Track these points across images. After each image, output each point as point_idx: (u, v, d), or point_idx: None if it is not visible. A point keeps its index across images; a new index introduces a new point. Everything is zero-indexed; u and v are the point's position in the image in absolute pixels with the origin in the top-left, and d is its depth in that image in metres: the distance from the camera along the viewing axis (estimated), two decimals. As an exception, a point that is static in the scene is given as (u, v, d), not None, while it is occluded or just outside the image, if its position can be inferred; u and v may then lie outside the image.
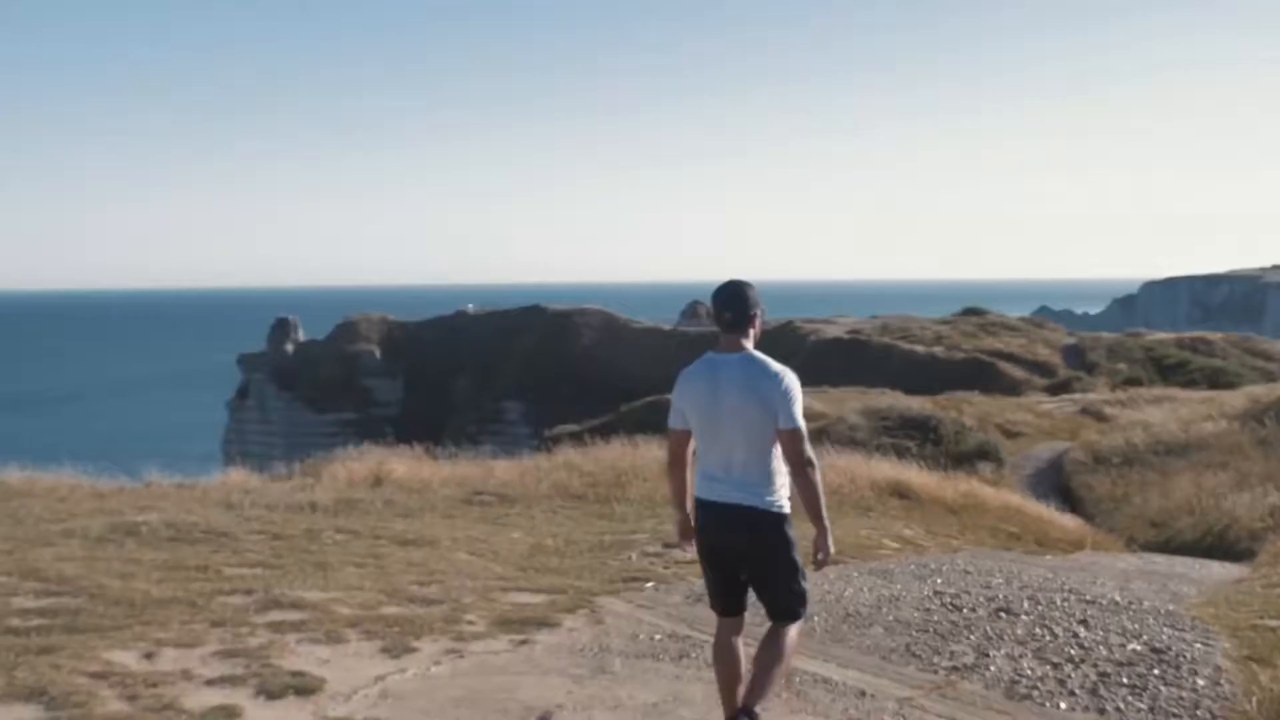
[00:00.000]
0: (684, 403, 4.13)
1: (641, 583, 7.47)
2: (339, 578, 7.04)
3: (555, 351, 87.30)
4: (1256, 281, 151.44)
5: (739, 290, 4.14)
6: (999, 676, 5.24)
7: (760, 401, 3.96)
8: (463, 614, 6.25)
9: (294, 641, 5.47)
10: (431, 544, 8.77)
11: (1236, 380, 42.17)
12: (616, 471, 13.87)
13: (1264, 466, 22.68)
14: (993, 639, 5.92)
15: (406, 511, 10.82)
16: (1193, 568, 12.04)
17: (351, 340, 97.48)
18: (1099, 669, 5.33)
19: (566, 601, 6.71)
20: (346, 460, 14.71)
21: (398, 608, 6.35)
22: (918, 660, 5.55)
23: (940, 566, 8.96)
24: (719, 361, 4.08)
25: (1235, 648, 5.76)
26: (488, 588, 7.05)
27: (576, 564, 8.20)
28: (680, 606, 6.76)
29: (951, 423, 27.85)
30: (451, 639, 5.70)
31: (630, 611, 6.57)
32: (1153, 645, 5.73)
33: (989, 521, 13.60)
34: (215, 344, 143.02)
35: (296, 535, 8.82)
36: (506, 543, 9.14)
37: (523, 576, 7.55)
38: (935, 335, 60.73)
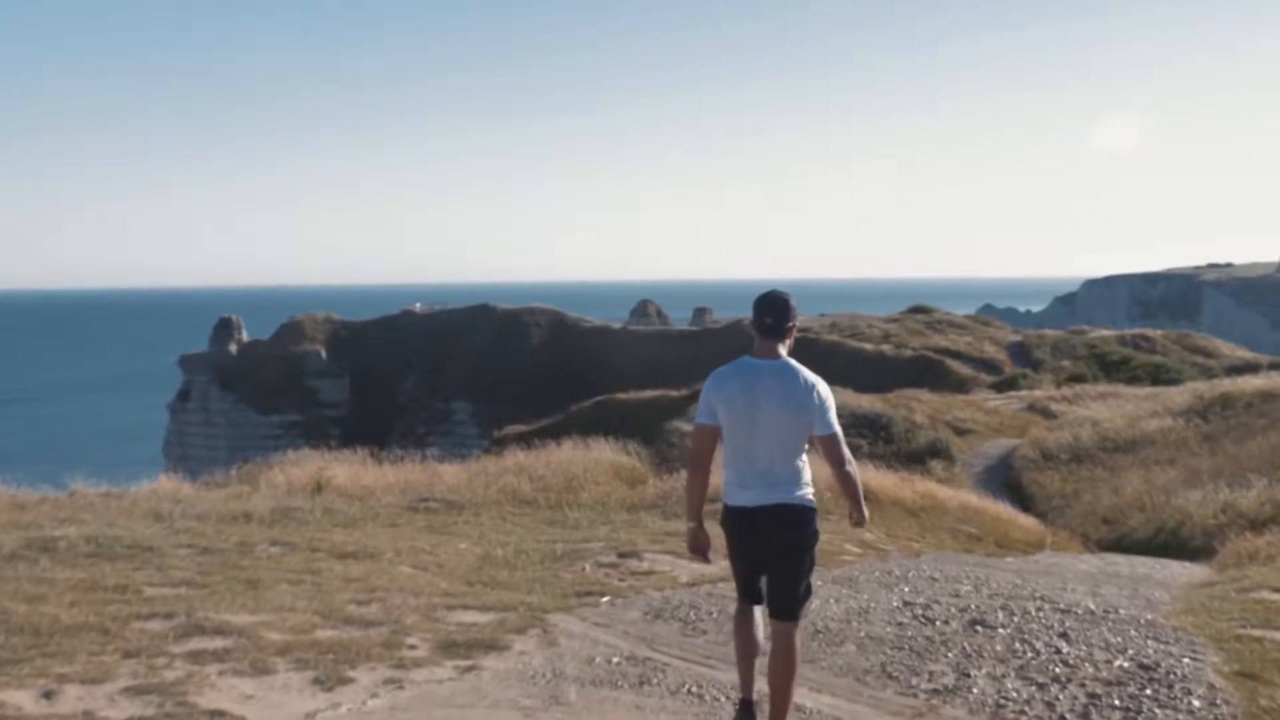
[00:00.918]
0: (718, 402, 4.18)
1: (597, 597, 7.03)
2: (270, 597, 6.52)
3: (504, 351, 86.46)
4: (1192, 280, 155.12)
5: (782, 299, 4.23)
6: (983, 700, 4.89)
7: (798, 408, 4.09)
8: (404, 637, 5.76)
9: (215, 674, 4.95)
10: (373, 557, 8.26)
11: (1178, 376, 42.75)
12: (568, 475, 13.42)
13: (1212, 463, 22.81)
14: (971, 656, 5.57)
15: (347, 521, 10.27)
16: (1155, 568, 11.87)
17: (296, 340, 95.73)
18: (1087, 689, 5.00)
19: (516, 620, 6.26)
20: (286, 466, 14.10)
21: (333, 631, 5.85)
22: (895, 682, 5.18)
23: (906, 573, 8.64)
24: (756, 366, 4.17)
25: (1225, 661, 5.48)
26: (432, 606, 6.57)
27: (527, 577, 7.74)
28: (638, 623, 6.34)
29: (902, 421, 27.78)
30: (391, 666, 5.22)
31: (585, 630, 6.13)
32: (1140, 661, 5.42)
33: (948, 523, 13.36)
34: (156, 345, 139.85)
35: (228, 549, 8.26)
36: (453, 554, 8.65)
37: (470, 592, 7.08)
38: (883, 333, 61.03)
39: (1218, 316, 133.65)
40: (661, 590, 7.34)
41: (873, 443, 25.47)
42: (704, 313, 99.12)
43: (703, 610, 6.63)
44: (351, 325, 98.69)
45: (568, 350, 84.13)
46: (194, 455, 79.10)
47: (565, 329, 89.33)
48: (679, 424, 31.69)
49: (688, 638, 6.03)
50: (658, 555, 8.61)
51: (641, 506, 11.88)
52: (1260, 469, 19.87)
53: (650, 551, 8.72)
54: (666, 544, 9.09)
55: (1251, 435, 23.91)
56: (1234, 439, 24.29)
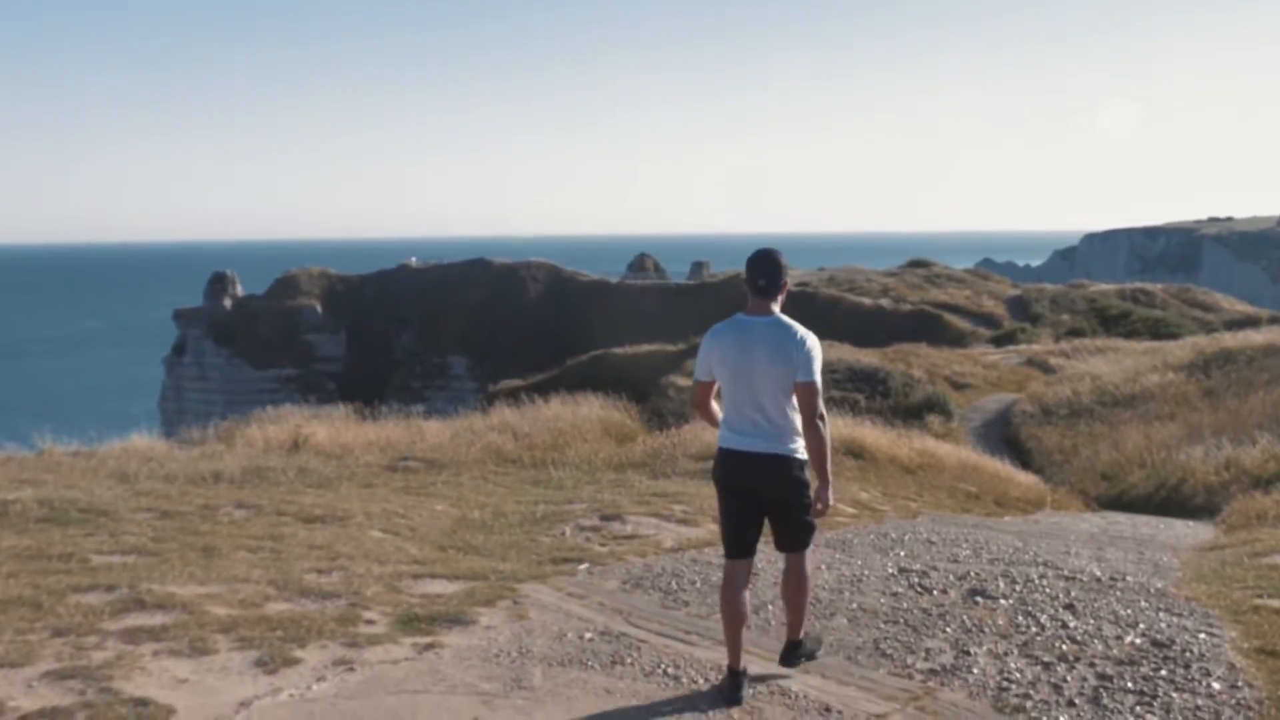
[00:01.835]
0: (712, 358, 4.42)
1: (574, 564, 6.64)
2: (224, 566, 6.11)
3: (501, 306, 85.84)
4: (1193, 234, 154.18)
5: (774, 258, 4.40)
6: (984, 681, 4.50)
7: (786, 360, 4.26)
8: (362, 611, 5.36)
9: (149, 655, 4.55)
10: (342, 520, 7.86)
11: (1177, 331, 42.40)
12: (555, 432, 13.03)
13: (1213, 418, 22.46)
14: (971, 631, 5.18)
15: (321, 481, 9.88)
16: (1159, 529, 11.51)
17: (291, 295, 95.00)
18: (1097, 669, 4.61)
19: (486, 591, 5.86)
20: (265, 423, 13.68)
21: (286, 604, 5.45)
22: (889, 661, 4.79)
23: (902, 536, 8.27)
24: (749, 323, 4.36)
25: (1243, 636, 5.09)
26: (397, 575, 6.17)
27: (503, 542, 7.35)
28: (616, 594, 5.94)
29: (900, 375, 27.43)
30: (343, 644, 4.82)
31: (558, 602, 5.73)
32: (1153, 637, 5.03)
33: (946, 481, 12.99)
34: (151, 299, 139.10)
35: (189, 513, 7.85)
36: (428, 517, 8.25)
37: (440, 559, 6.68)
38: (882, 287, 60.47)
39: (1217, 270, 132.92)
40: (644, 556, 6.95)
41: (870, 397, 25.11)
42: (701, 267, 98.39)
43: (685, 579, 6.24)
44: (347, 280, 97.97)
45: (565, 304, 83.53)
46: (190, 410, 78.75)
47: (562, 283, 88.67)
48: (675, 378, 31.32)
49: (668, 609, 5.64)
50: (642, 518, 8.21)
51: (629, 465, 11.49)
52: (1263, 425, 19.50)
53: (635, 514, 8.32)
54: (652, 505, 8.70)
55: (1253, 390, 23.55)
56: (1235, 394, 23.94)
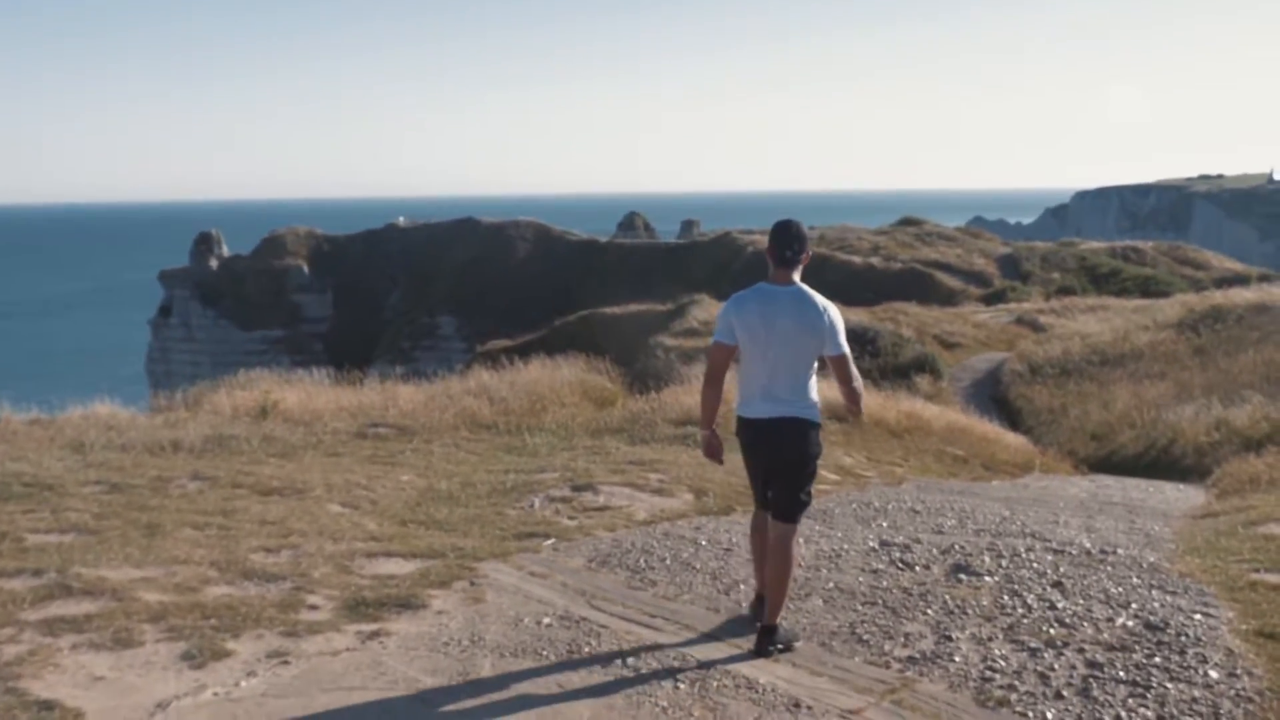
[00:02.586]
0: (737, 323, 4.46)
1: (540, 540, 6.32)
2: (165, 546, 5.77)
3: (490, 265, 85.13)
4: (1183, 191, 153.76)
5: (800, 231, 4.53)
6: (966, 670, 4.20)
7: (810, 330, 4.39)
8: (307, 595, 5.03)
9: (67, 648, 4.22)
10: (300, 493, 7.52)
11: (1167, 289, 42.18)
12: (533, 396, 12.69)
13: (1203, 377, 22.25)
14: (954, 613, 4.88)
15: (285, 450, 9.53)
16: (1149, 493, 11.26)
17: (278, 255, 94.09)
18: (1087, 656, 4.31)
19: (442, 570, 5.53)
20: (234, 388, 13.31)
21: (226, 588, 5.11)
22: (865, 648, 4.48)
23: (885, 505, 7.97)
24: (773, 292, 4.45)
25: (1240, 617, 4.79)
26: (350, 553, 5.84)
27: (468, 515, 7.02)
28: (580, 573, 5.62)
29: (889, 334, 27.17)
30: (281, 634, 4.49)
31: (518, 583, 5.41)
32: (1146, 619, 4.73)
33: (933, 444, 12.71)
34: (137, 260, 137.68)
35: (139, 486, 7.50)
36: (392, 488, 7.92)
37: (398, 535, 6.35)
38: (872, 246, 60.01)
39: (1208, 228, 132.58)
40: (613, 531, 6.63)
41: (859, 357, 24.65)
42: (692, 225, 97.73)
43: (655, 556, 5.93)
44: (334, 239, 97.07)
45: (554, 264, 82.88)
46: (177, 372, 78.13)
47: (551, 242, 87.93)
48: (664, 338, 30.98)
49: (634, 590, 5.32)
50: (615, 488, 7.89)
51: (608, 430, 11.16)
52: (1254, 384, 19.29)
53: (608, 484, 8.00)
54: (627, 475, 8.38)
55: (1243, 349, 23.33)
56: (1225, 352, 23.72)
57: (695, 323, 31.73)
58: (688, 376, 14.32)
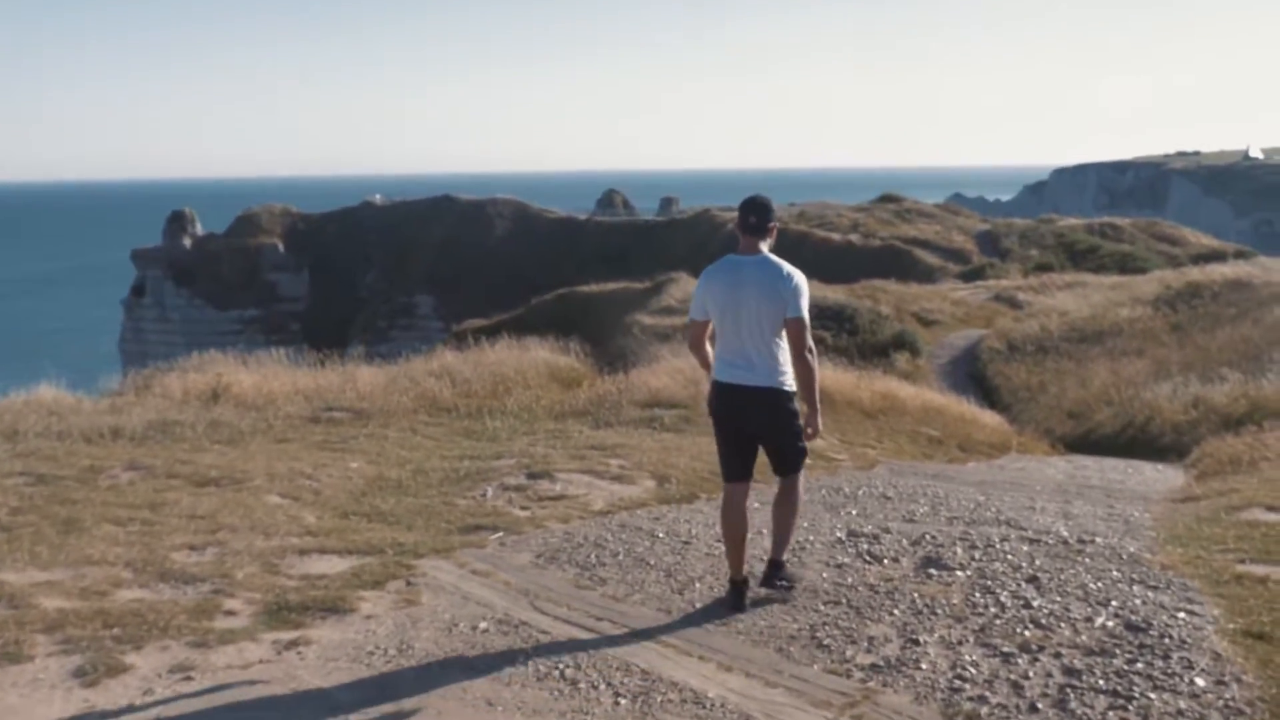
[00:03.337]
0: (707, 297, 4.62)
1: (487, 533, 5.95)
2: (79, 545, 5.37)
3: (467, 243, 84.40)
4: (1160, 168, 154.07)
5: (765, 202, 4.66)
6: (933, 680, 3.86)
7: (775, 297, 4.45)
8: (226, 598, 4.66)
9: (-53, 665, 3.83)
10: (239, 483, 7.12)
11: (1145, 265, 42.09)
12: (496, 378, 12.29)
13: (1180, 354, 22.10)
14: (922, 613, 4.54)
15: (232, 436, 9.11)
16: (1128, 474, 11.00)
17: (252, 233, 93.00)
18: (1064, 662, 3.98)
19: (378, 569, 5.16)
20: (187, 371, 12.86)
21: (138, 591, 4.73)
22: (826, 654, 4.13)
23: (855, 491, 7.65)
24: (740, 262, 4.57)
25: (1227, 615, 4.48)
26: (281, 550, 5.46)
27: (415, 506, 6.64)
28: (526, 570, 5.26)
29: (867, 312, 26.92)
30: (189, 644, 4.12)
31: (458, 582, 5.04)
32: (1127, 619, 4.40)
33: (908, 425, 12.39)
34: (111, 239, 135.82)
35: (67, 477, 7.08)
36: (338, 477, 7.53)
37: (337, 529, 5.97)
38: (852, 222, 59.70)
39: (1184, 205, 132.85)
40: (567, 522, 6.26)
41: (836, 335, 24.56)
42: (671, 203, 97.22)
43: (608, 550, 5.57)
44: (309, 218, 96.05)
45: (532, 242, 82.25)
46: (152, 353, 77.13)
47: (529, 220, 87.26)
48: (640, 316, 30.60)
49: (582, 590, 4.96)
50: (573, 475, 7.52)
51: (572, 413, 10.79)
52: (1231, 361, 19.12)
53: (566, 471, 7.62)
54: (587, 461, 8.01)
55: (1220, 325, 23.20)
56: (1203, 329, 23.59)
57: (673, 301, 31.36)
58: (657, 357, 13.95)
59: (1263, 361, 17.93)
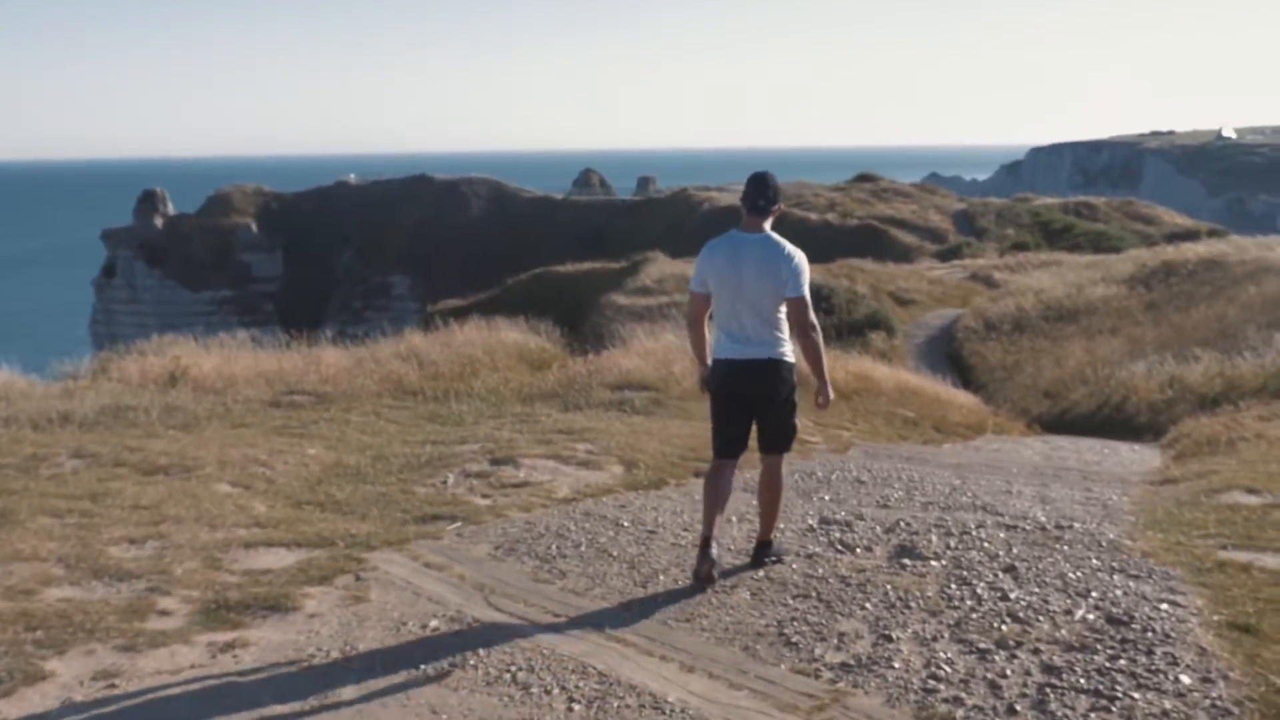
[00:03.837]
0: (708, 271, 4.68)
1: (445, 523, 5.71)
2: (11, 539, 5.08)
3: (443, 223, 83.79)
4: (1135, 147, 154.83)
5: (773, 181, 4.69)
6: (907, 679, 3.66)
7: (775, 274, 4.54)
8: (161, 597, 4.40)
9: None
10: (189, 471, 6.84)
11: (1120, 244, 42.16)
12: (464, 360, 12.02)
13: (1155, 333, 22.07)
14: (895, 607, 4.34)
15: (187, 422, 8.81)
16: (1105, 455, 10.87)
17: (225, 213, 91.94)
18: (1043, 659, 3.79)
19: (326, 563, 4.91)
20: (146, 353, 12.51)
21: (69, 589, 4.46)
22: (794, 653, 3.92)
23: (829, 475, 7.45)
24: (742, 239, 4.63)
25: (1210, 606, 4.30)
26: (226, 544, 5.19)
27: (372, 494, 6.39)
28: (484, 563, 5.02)
29: (844, 292, 26.82)
30: (117, 648, 3.86)
31: (410, 576, 4.80)
32: (1108, 611, 4.22)
33: (883, 406, 12.23)
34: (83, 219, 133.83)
35: (7, 466, 6.78)
36: (295, 464, 7.26)
37: (288, 520, 5.71)
38: (829, 202, 59.54)
39: (1158, 184, 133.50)
40: (529, 511, 6.03)
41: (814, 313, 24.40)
42: (648, 182, 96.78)
43: (569, 541, 5.34)
44: (283, 197, 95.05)
45: (509, 221, 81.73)
46: (122, 334, 76.14)
47: (506, 200, 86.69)
48: (616, 297, 30.34)
49: (540, 584, 4.73)
50: (538, 461, 7.28)
51: (540, 396, 10.55)
52: (1206, 340, 19.06)
53: (531, 456, 7.39)
54: (553, 446, 7.77)
55: (1195, 304, 23.19)
56: (1177, 307, 23.58)
57: (648, 281, 31.11)
58: (629, 337, 13.70)
59: (1237, 340, 17.86)
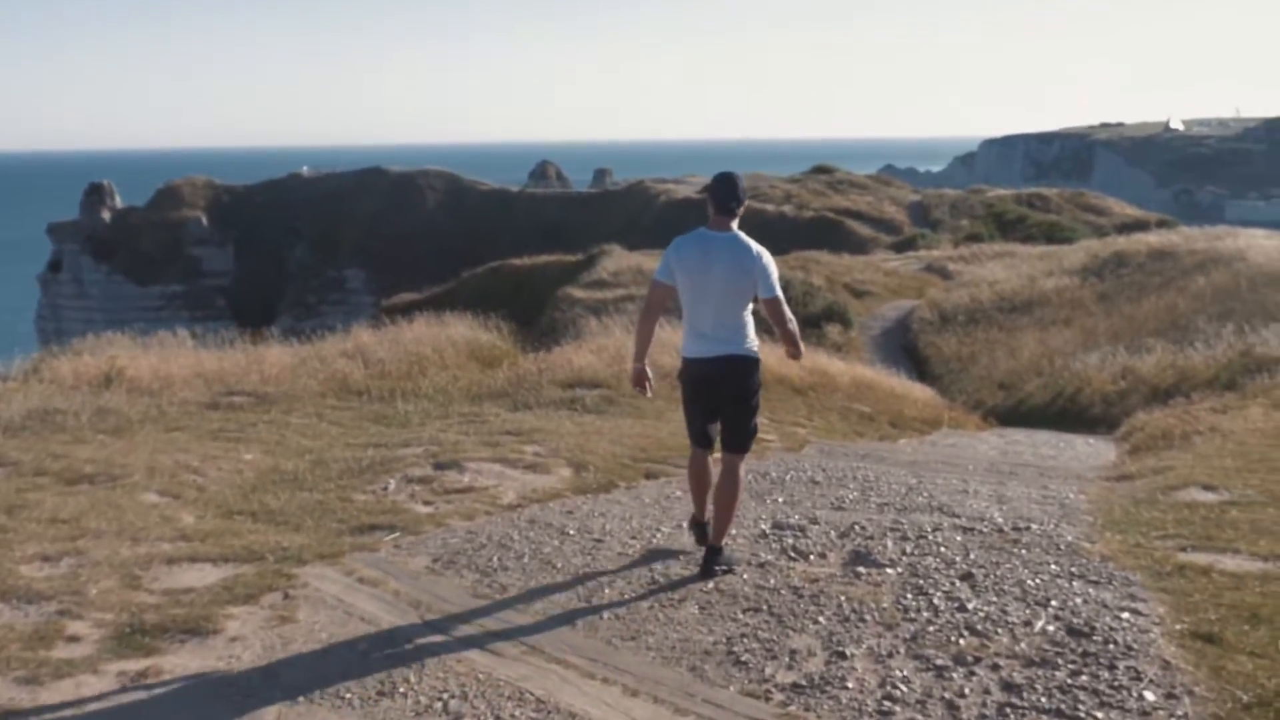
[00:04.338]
0: (677, 265, 4.72)
1: (383, 534, 5.46)
2: (-87, 559, 4.77)
3: (398, 216, 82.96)
4: (1085, 139, 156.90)
5: (739, 182, 4.77)
6: (860, 701, 3.48)
7: (744, 274, 4.63)
8: (72, 620, 4.12)
9: None
10: (115, 480, 6.52)
11: (1072, 235, 42.62)
12: (413, 358, 11.73)
13: (1107, 323, 22.24)
14: (850, 620, 4.16)
15: (119, 426, 8.46)
16: (1060, 449, 10.83)
17: (175, 206, 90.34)
18: (1002, 675, 3.63)
19: (254, 578, 4.65)
20: (83, 353, 12.08)
21: (-30, 614, 4.16)
22: (744, 673, 3.73)
23: (783, 475, 7.28)
24: (710, 238, 4.71)
25: (1173, 613, 4.17)
26: (148, 559, 4.91)
27: (309, 502, 6.11)
28: (420, 578, 4.78)
29: (800, 284, 26.75)
30: (18, 680, 3.58)
31: (342, 593, 4.56)
32: (1069, 622, 4.07)
33: (839, 401, 12.10)
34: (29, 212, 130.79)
35: (-81, 477, 6.42)
36: (229, 470, 6.96)
37: (217, 532, 5.43)
38: (785, 194, 59.60)
39: (1108, 175, 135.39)
40: (471, 519, 5.79)
41: (769, 307, 24.31)
42: (604, 175, 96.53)
43: (512, 552, 5.11)
44: (234, 190, 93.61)
45: (464, 214, 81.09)
46: (69, 330, 74.56)
47: (461, 192, 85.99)
48: (573, 290, 30.07)
49: (479, 599, 4.50)
50: (484, 464, 7.04)
51: (489, 395, 10.29)
52: (1158, 330, 19.23)
53: (476, 459, 7.14)
54: (500, 448, 7.53)
55: (1146, 294, 23.40)
56: (1129, 298, 23.79)
57: (605, 274, 30.86)
58: (584, 333, 13.48)
59: (1189, 330, 18.01)
